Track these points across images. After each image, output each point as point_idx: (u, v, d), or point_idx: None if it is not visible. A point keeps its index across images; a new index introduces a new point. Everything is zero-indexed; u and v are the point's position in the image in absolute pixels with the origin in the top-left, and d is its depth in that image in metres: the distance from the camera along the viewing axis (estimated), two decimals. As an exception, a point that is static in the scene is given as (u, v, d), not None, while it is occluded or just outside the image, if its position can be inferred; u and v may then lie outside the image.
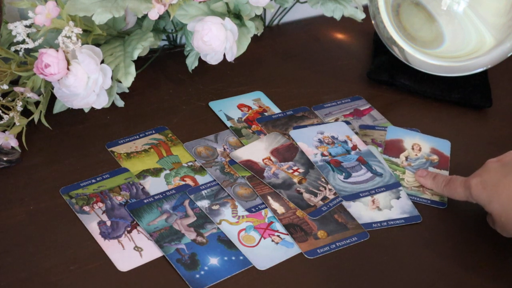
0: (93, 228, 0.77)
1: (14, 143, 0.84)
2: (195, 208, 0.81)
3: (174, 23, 1.00)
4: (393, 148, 0.94)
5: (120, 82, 0.90)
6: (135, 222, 0.79)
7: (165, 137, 0.91)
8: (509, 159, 0.79)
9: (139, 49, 0.88)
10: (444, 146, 0.96)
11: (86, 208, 0.80)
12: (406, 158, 0.93)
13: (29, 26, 0.82)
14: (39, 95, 0.85)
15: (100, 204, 0.80)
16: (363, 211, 0.84)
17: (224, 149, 0.90)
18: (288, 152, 0.91)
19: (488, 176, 0.78)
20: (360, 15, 1.04)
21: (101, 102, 0.85)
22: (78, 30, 0.81)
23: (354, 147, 0.93)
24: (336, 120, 0.98)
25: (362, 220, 0.83)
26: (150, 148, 0.89)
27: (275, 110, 0.99)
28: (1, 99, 0.83)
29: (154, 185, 0.84)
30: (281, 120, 0.96)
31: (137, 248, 0.76)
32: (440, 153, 0.94)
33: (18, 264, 0.73)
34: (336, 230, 0.81)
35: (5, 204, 0.79)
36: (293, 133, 0.94)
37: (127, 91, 0.93)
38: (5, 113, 0.83)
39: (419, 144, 0.95)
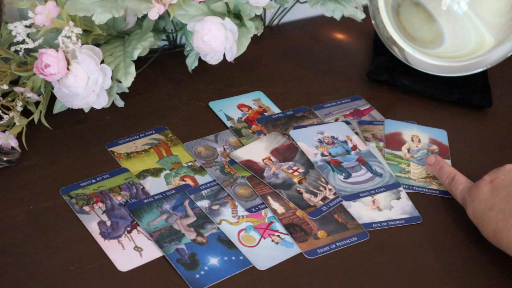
0: (93, 228, 0.77)
1: (14, 143, 0.84)
2: (195, 208, 0.81)
3: (174, 23, 1.00)
4: (394, 142, 0.94)
5: (120, 82, 0.90)
6: (135, 222, 0.79)
7: (165, 137, 0.91)
8: (500, 181, 0.79)
9: (139, 49, 0.88)
10: (442, 136, 0.96)
11: (86, 208, 0.80)
12: (408, 150, 0.93)
13: (29, 26, 0.82)
14: (39, 95, 0.85)
15: (100, 204, 0.80)
16: (363, 211, 0.84)
17: (224, 149, 0.90)
18: (288, 152, 0.91)
19: (478, 203, 0.79)
20: (360, 15, 1.04)
21: (101, 102, 0.85)
22: (78, 30, 0.81)
23: (354, 147, 0.93)
24: (336, 120, 0.98)
25: (362, 220, 0.83)
26: (150, 148, 0.89)
27: (275, 110, 0.99)
28: (1, 99, 0.83)
29: (154, 185, 0.84)
30: (281, 120, 0.96)
31: (137, 248, 0.76)
32: (438, 143, 0.95)
33: (18, 264, 0.73)
34: (336, 230, 0.81)
35: (5, 204, 0.79)
36: (293, 133, 0.94)
37: (127, 91, 0.93)
38: (5, 113, 0.83)
39: (417, 136, 0.96)
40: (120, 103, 0.92)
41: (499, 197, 0.77)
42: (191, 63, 0.97)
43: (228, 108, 0.97)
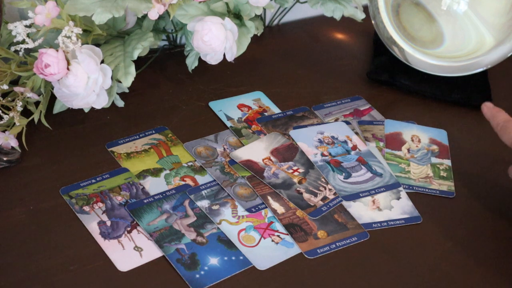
0: (93, 228, 0.77)
1: (14, 143, 0.84)
2: (195, 208, 0.81)
3: (174, 23, 1.00)
4: (394, 142, 0.94)
5: (120, 82, 0.90)
6: (135, 222, 0.79)
7: (165, 137, 0.91)
8: None
9: (139, 49, 0.88)
10: (442, 136, 0.96)
11: (86, 208, 0.80)
12: (408, 150, 0.93)
13: (29, 26, 0.82)
14: (39, 95, 0.85)
15: (100, 204, 0.80)
16: (363, 211, 0.84)
17: (224, 149, 0.90)
18: (288, 152, 0.91)
19: None
20: (360, 15, 1.04)
21: (101, 102, 0.85)
22: (78, 30, 0.81)
23: (354, 147, 0.93)
24: (336, 120, 0.98)
25: (362, 220, 0.83)
26: (150, 148, 0.89)
27: (275, 110, 0.99)
28: (1, 99, 0.83)
29: (154, 185, 0.84)
30: (281, 120, 0.96)
31: (137, 248, 0.76)
32: (438, 143, 0.95)
33: (18, 264, 0.73)
34: (336, 230, 0.81)
35: (5, 204, 0.79)
36: (293, 133, 0.94)
37: (127, 91, 0.93)
38: (5, 113, 0.83)
39: (417, 136, 0.96)
40: (120, 103, 0.92)
41: None
42: (191, 63, 0.97)
43: (228, 108, 0.97)
